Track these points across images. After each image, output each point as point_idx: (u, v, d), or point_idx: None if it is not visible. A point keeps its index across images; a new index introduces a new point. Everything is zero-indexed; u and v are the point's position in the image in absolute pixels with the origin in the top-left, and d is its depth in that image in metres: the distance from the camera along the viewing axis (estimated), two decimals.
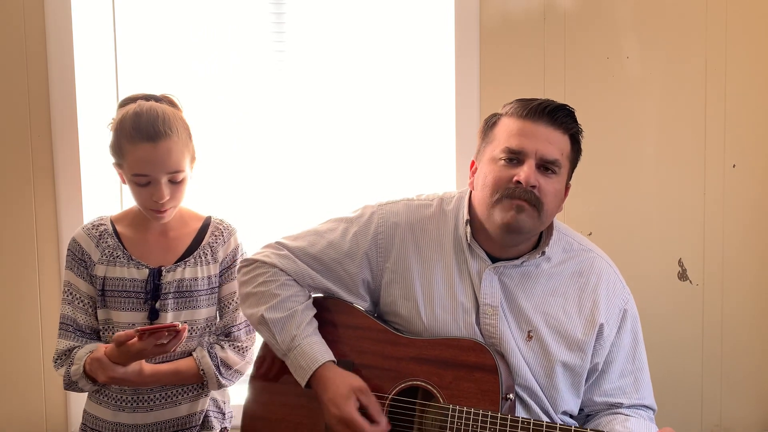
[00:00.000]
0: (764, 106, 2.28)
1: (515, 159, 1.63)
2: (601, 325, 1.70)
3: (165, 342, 1.73)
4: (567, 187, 1.73)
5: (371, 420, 1.63)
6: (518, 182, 1.60)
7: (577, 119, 1.69)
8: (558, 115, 1.64)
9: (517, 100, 1.69)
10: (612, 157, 2.30)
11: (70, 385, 1.87)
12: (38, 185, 2.30)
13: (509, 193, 1.61)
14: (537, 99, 1.67)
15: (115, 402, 1.90)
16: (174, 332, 1.72)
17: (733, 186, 2.29)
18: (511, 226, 1.62)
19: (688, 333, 2.33)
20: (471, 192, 1.75)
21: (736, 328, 2.32)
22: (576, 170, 2.29)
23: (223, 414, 2.03)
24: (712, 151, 2.29)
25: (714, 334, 2.32)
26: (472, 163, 1.75)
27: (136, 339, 1.72)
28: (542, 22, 2.28)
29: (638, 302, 1.83)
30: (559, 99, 2.27)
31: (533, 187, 1.60)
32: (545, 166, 1.63)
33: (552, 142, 1.63)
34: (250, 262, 1.82)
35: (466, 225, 1.72)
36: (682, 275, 2.33)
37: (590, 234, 2.28)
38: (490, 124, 1.71)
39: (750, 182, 2.29)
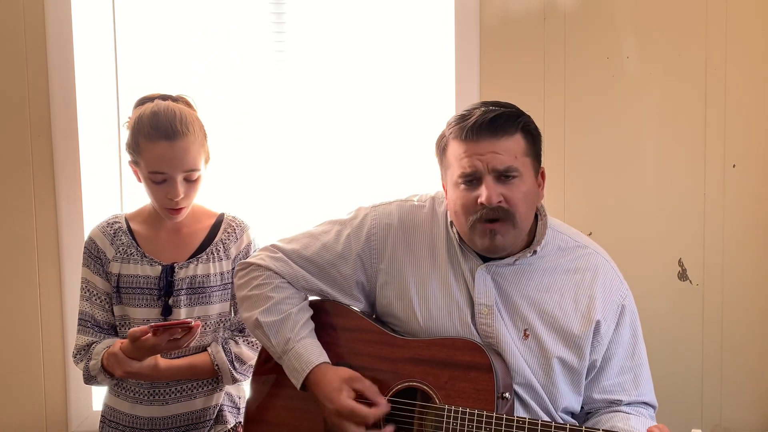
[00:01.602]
0: (764, 106, 2.28)
1: (473, 180, 1.63)
2: (598, 322, 1.69)
3: (178, 338, 1.77)
4: (542, 173, 1.72)
5: (370, 404, 1.63)
6: (483, 204, 1.61)
7: (520, 110, 1.66)
8: (497, 125, 1.61)
9: (455, 117, 1.68)
10: (612, 157, 2.30)
11: (90, 379, 1.91)
12: (38, 185, 2.31)
13: (479, 216, 1.62)
14: (473, 113, 1.64)
15: (133, 395, 1.93)
16: (187, 328, 1.76)
17: (733, 186, 2.29)
18: (492, 249, 1.65)
19: (688, 333, 2.33)
20: (450, 217, 1.75)
21: (736, 328, 2.32)
22: (576, 170, 2.30)
23: (238, 409, 2.05)
24: (712, 151, 2.29)
25: (714, 334, 2.32)
26: (443, 185, 1.76)
27: (150, 335, 1.74)
28: (542, 22, 2.28)
29: (638, 302, 1.83)
30: (559, 99, 2.29)
31: (499, 202, 1.61)
32: (503, 175, 1.62)
33: (499, 151, 1.61)
34: (245, 266, 1.83)
35: (451, 227, 1.73)
36: (682, 275, 2.33)
37: (590, 234, 2.28)
38: (441, 147, 1.71)
39: (750, 182, 2.29)
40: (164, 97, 1.90)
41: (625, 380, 1.71)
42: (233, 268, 1.95)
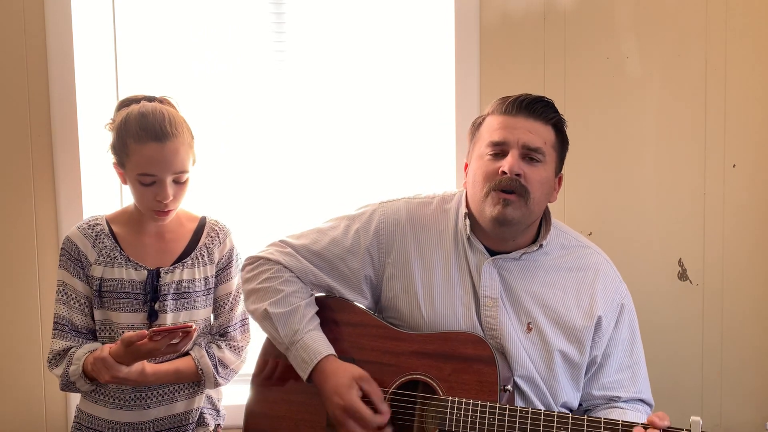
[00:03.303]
0: (764, 106, 2.28)
1: (500, 152, 1.69)
2: (599, 318, 1.73)
3: (176, 342, 1.76)
4: (560, 179, 1.79)
5: (374, 408, 1.65)
6: (504, 172, 1.66)
7: (558, 110, 1.75)
8: (536, 107, 1.70)
9: (499, 98, 1.75)
10: (612, 157, 2.30)
11: (68, 385, 1.88)
12: (38, 185, 2.30)
13: (496, 185, 1.66)
14: (517, 94, 1.73)
15: (113, 400, 1.91)
16: (186, 332, 1.75)
17: (733, 186, 2.29)
18: (500, 219, 1.67)
19: (688, 333, 2.33)
20: (467, 192, 1.80)
21: (736, 328, 2.32)
22: (576, 170, 2.30)
23: (218, 411, 2.05)
24: (712, 151, 2.29)
25: (714, 334, 2.32)
26: (466, 165, 1.81)
27: (146, 339, 1.73)
28: (542, 22, 2.28)
29: (638, 302, 1.84)
30: (559, 99, 2.29)
31: (518, 175, 1.65)
32: (530, 156, 1.68)
33: (533, 131, 1.69)
34: (254, 260, 1.85)
35: (465, 218, 1.76)
36: (682, 275, 2.33)
37: (590, 234, 2.28)
38: (476, 125, 1.78)
39: (750, 182, 2.29)
40: (149, 99, 1.88)
41: (623, 377, 1.75)
42: (216, 273, 1.95)
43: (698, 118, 2.28)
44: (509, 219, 1.66)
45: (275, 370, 1.83)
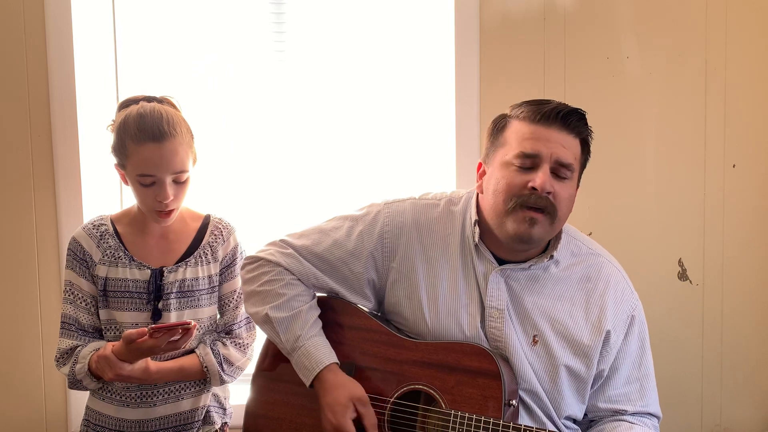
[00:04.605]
0: (764, 106, 2.28)
1: (529, 164, 1.60)
2: (608, 332, 1.68)
3: (176, 339, 1.76)
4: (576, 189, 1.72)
5: None
6: (533, 188, 1.58)
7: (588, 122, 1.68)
8: (571, 120, 1.62)
9: (526, 102, 1.66)
10: (612, 157, 2.30)
11: (75, 383, 1.89)
12: (38, 185, 2.30)
13: (523, 201, 1.58)
14: (548, 102, 1.65)
15: (119, 398, 1.92)
16: (186, 329, 1.75)
17: (733, 186, 2.29)
18: (524, 238, 1.60)
19: (688, 333, 2.33)
20: (479, 194, 1.72)
21: (736, 328, 2.32)
22: None
23: (224, 409, 2.05)
24: (712, 151, 2.29)
25: (714, 334, 2.33)
26: (479, 165, 1.73)
27: (147, 336, 1.73)
28: (542, 22, 2.28)
29: None
30: (559, 99, 2.28)
31: (548, 193, 1.58)
32: (560, 172, 1.61)
33: (566, 146, 1.61)
34: (254, 260, 1.81)
35: (474, 226, 1.70)
36: (682, 275, 2.33)
37: (590, 234, 2.28)
38: (500, 126, 1.68)
39: (750, 182, 2.29)
40: (149, 99, 1.88)
41: (630, 390, 1.71)
42: (220, 271, 1.95)
43: (698, 118, 2.28)
44: (533, 238, 1.60)
45: (276, 371, 1.81)
